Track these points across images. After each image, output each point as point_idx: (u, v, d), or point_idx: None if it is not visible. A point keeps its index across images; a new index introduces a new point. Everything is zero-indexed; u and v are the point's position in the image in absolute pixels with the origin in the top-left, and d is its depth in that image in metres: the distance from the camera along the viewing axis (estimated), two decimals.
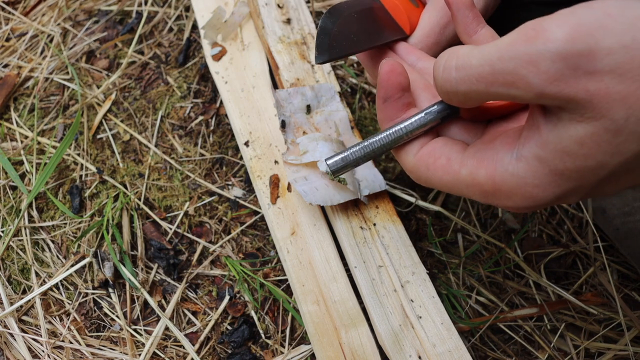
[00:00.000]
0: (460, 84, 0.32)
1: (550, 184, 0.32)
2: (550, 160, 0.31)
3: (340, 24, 0.47)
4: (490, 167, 0.34)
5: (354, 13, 0.49)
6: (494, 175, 0.34)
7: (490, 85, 0.31)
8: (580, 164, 0.30)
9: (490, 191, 0.35)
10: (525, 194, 0.33)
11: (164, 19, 0.85)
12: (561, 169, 0.31)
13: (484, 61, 0.31)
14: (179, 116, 0.77)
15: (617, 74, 0.27)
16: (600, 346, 0.60)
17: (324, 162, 0.54)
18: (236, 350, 0.62)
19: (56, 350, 0.64)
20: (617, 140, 0.29)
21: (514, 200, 0.34)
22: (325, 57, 0.45)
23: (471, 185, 0.36)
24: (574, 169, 0.31)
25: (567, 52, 0.28)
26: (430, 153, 0.38)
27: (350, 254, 0.58)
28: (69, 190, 0.73)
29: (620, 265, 0.65)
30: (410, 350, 0.53)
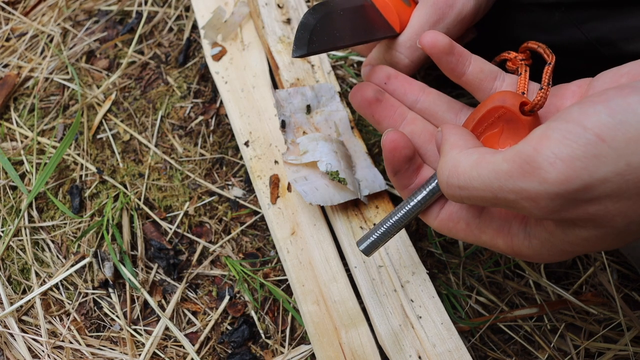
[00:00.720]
0: (465, 200, 0.35)
1: (563, 256, 0.35)
2: (557, 244, 0.34)
3: (323, 20, 0.47)
4: (507, 239, 0.37)
5: (341, 10, 0.49)
6: (512, 245, 0.37)
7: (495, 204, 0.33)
8: (587, 250, 0.33)
9: (511, 253, 0.38)
10: (541, 259, 0.37)
11: (164, 19, 0.85)
12: (570, 251, 0.34)
13: (486, 187, 0.32)
14: (179, 116, 0.77)
15: (614, 197, 0.29)
16: (600, 346, 0.60)
17: (324, 163, 0.54)
18: (236, 350, 0.62)
19: (56, 350, 0.64)
20: (620, 238, 0.31)
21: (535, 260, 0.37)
22: (303, 51, 0.45)
23: (493, 247, 0.39)
24: (582, 251, 0.34)
25: (564, 192, 0.29)
26: (449, 217, 0.42)
27: (350, 254, 0.58)
28: (69, 190, 0.73)
29: (620, 265, 0.65)
30: (410, 350, 0.53)
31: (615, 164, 0.28)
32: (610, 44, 0.50)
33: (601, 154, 0.28)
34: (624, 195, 0.28)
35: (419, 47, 0.50)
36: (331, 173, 0.57)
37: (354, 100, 0.48)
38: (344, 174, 0.57)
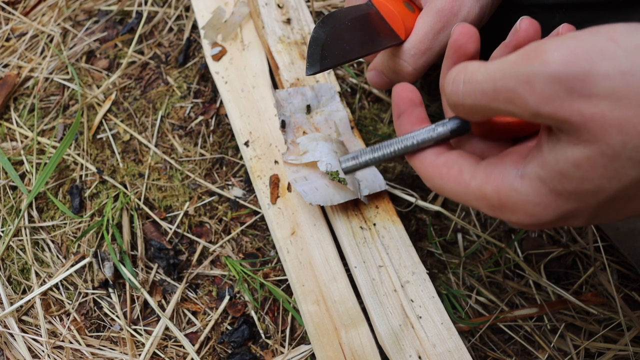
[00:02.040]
0: (467, 98, 0.33)
1: (551, 204, 0.32)
2: (549, 181, 0.32)
3: (333, 34, 0.47)
4: (497, 181, 0.35)
5: (348, 21, 0.49)
6: (500, 190, 0.35)
7: (492, 101, 0.32)
8: (578, 186, 0.31)
9: (497, 205, 0.35)
10: (528, 211, 0.34)
11: (164, 19, 0.85)
12: (560, 190, 0.31)
13: (488, 77, 0.31)
14: (179, 116, 0.77)
15: (613, 99, 0.27)
16: (600, 346, 0.60)
17: (324, 163, 0.54)
18: (236, 350, 0.62)
19: (56, 350, 0.64)
20: (614, 165, 0.29)
21: (518, 217, 0.34)
22: (316, 68, 0.45)
23: (480, 198, 0.36)
24: (572, 190, 0.31)
25: (561, 74, 0.28)
26: (444, 163, 0.39)
27: (350, 254, 0.58)
28: (69, 190, 0.73)
29: (620, 265, 0.65)
30: (410, 350, 0.53)
31: (621, 62, 0.27)
32: None
33: (609, 50, 0.27)
34: (623, 102, 0.27)
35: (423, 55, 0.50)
36: (331, 173, 0.57)
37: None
38: (344, 174, 0.57)
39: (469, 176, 0.37)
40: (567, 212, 0.32)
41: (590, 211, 0.32)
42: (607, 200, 0.31)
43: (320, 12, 0.81)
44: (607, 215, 0.33)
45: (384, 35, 0.50)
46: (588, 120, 0.28)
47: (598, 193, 0.30)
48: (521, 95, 0.30)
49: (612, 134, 0.28)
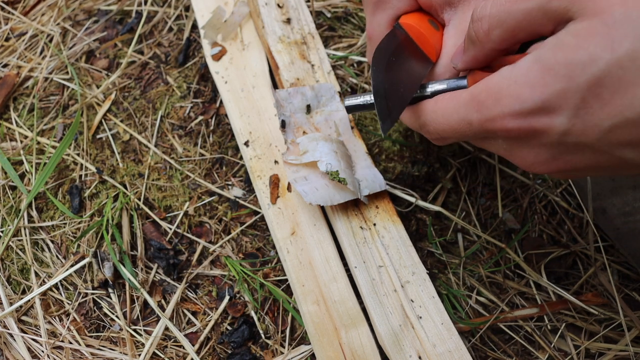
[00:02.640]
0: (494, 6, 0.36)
1: (539, 81, 0.33)
2: (543, 56, 0.33)
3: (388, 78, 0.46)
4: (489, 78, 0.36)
5: (393, 57, 0.48)
6: (490, 82, 0.36)
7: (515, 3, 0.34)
8: (571, 55, 0.31)
9: (483, 99, 0.36)
10: (513, 93, 0.34)
11: (163, 19, 0.85)
12: (552, 63, 0.32)
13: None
14: (179, 116, 0.77)
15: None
16: (600, 346, 0.60)
17: (324, 163, 0.54)
18: (236, 350, 0.62)
19: (56, 351, 0.63)
20: (612, 33, 0.30)
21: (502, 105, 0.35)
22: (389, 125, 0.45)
23: (469, 101, 0.38)
24: (564, 61, 0.32)
25: None
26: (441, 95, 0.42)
27: (350, 254, 0.58)
28: (68, 190, 0.73)
29: (621, 266, 0.65)
30: (410, 351, 0.53)
31: None
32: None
33: None
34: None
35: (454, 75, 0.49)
36: (331, 173, 0.57)
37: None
38: (344, 174, 0.57)
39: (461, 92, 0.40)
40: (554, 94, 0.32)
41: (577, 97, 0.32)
42: (596, 82, 0.31)
43: (320, 12, 0.81)
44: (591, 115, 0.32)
45: (419, 62, 0.49)
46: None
47: (590, 65, 0.31)
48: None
49: (616, 7, 0.29)
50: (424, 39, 0.49)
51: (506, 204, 0.68)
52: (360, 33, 0.80)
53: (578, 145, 0.34)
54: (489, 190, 0.69)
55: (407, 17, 0.51)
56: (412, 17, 0.51)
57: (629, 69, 0.29)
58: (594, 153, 0.34)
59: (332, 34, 0.80)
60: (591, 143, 0.33)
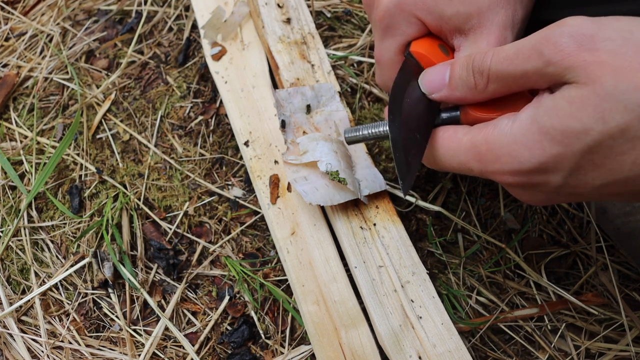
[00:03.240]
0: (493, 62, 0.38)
1: (536, 144, 0.35)
2: (539, 117, 0.35)
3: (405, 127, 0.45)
4: (489, 131, 0.38)
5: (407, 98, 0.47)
6: (489, 136, 0.38)
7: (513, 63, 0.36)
8: (566, 123, 0.34)
9: (484, 152, 0.38)
10: (512, 152, 0.37)
11: (163, 19, 0.85)
12: (548, 127, 0.34)
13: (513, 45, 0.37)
14: (179, 116, 0.77)
15: (612, 53, 0.32)
16: (601, 346, 0.60)
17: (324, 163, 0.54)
18: (236, 350, 0.62)
19: (55, 351, 0.63)
20: (604, 105, 0.32)
21: (501, 163, 0.37)
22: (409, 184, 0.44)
23: (469, 149, 0.40)
24: (560, 127, 0.34)
25: (575, 33, 0.34)
26: (441, 129, 0.44)
27: (350, 254, 0.58)
28: (68, 190, 0.73)
29: (621, 266, 0.65)
30: (410, 351, 0.53)
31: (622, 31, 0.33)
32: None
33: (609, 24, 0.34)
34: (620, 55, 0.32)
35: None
36: (331, 173, 0.57)
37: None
38: (344, 174, 0.57)
39: (462, 133, 0.41)
40: (550, 158, 0.35)
41: (571, 161, 0.35)
42: (589, 150, 0.34)
43: (320, 12, 0.81)
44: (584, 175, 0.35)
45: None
46: (589, 65, 0.32)
47: (583, 135, 0.33)
48: (540, 50, 0.35)
49: (607, 77, 0.32)
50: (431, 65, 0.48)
51: (506, 204, 0.68)
52: (360, 33, 0.80)
53: (572, 194, 0.38)
54: (489, 190, 0.69)
55: (417, 44, 0.50)
56: (422, 44, 0.50)
57: (619, 140, 0.32)
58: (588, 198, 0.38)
59: (332, 34, 0.80)
60: (584, 194, 0.37)
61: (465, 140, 0.40)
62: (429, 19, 0.48)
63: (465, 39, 0.48)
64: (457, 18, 0.46)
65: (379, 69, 0.54)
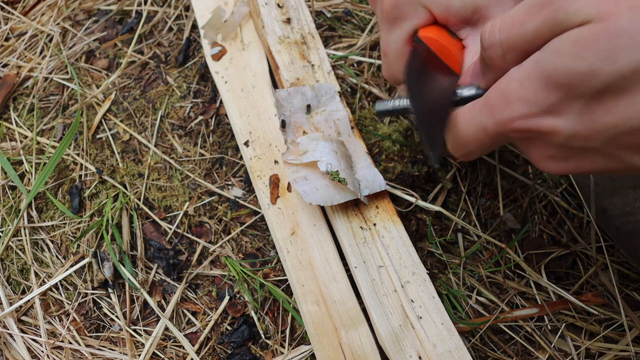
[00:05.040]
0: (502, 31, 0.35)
1: (541, 87, 0.33)
2: (543, 61, 0.32)
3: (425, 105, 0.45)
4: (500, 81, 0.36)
5: (422, 77, 0.47)
6: (499, 84, 0.36)
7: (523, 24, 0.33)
8: (569, 64, 0.31)
9: (496, 102, 0.36)
10: (521, 97, 0.34)
11: (163, 19, 0.85)
12: (551, 70, 0.32)
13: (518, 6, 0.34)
14: (179, 116, 0.77)
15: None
16: (601, 346, 0.60)
17: (324, 163, 0.54)
18: (236, 350, 0.62)
19: (55, 351, 0.63)
20: (614, 43, 0.29)
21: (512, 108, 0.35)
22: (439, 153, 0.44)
23: (484, 106, 0.38)
24: (563, 70, 0.31)
25: None
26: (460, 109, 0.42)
27: (350, 254, 0.58)
28: (68, 190, 0.73)
29: (621, 266, 0.65)
30: (410, 351, 0.53)
31: None
32: None
33: None
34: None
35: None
36: (331, 173, 0.57)
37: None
38: (344, 174, 0.57)
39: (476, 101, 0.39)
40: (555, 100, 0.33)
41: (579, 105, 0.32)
42: (598, 92, 0.31)
43: (320, 12, 0.81)
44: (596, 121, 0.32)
45: (446, 77, 0.48)
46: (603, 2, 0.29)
47: (589, 77, 0.30)
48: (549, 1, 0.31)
49: (623, 13, 0.28)
50: (447, 51, 0.48)
51: (506, 204, 0.68)
52: (360, 33, 0.80)
53: (586, 149, 0.34)
54: (489, 190, 0.69)
55: (425, 31, 0.49)
56: (431, 30, 0.49)
57: (631, 79, 0.29)
58: (603, 157, 0.34)
59: (332, 34, 0.80)
60: (598, 147, 0.33)
61: (479, 103, 0.39)
62: (437, 9, 0.47)
63: (472, 30, 0.48)
64: (464, 9, 0.46)
65: (386, 60, 0.54)
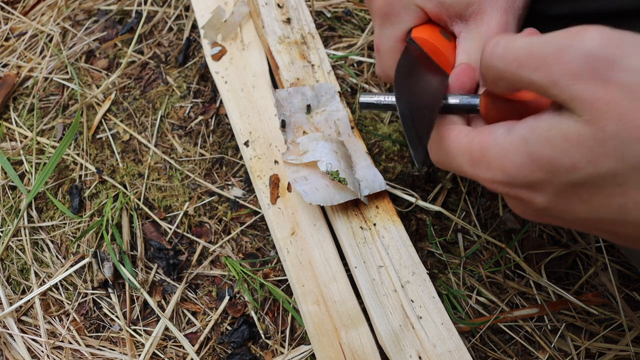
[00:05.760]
0: (500, 61, 0.35)
1: (524, 166, 0.34)
2: (532, 143, 0.33)
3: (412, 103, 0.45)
4: (485, 136, 0.37)
5: (414, 78, 0.47)
6: (484, 142, 0.36)
7: (520, 66, 0.33)
8: (556, 156, 0.32)
9: (477, 158, 0.37)
10: (502, 167, 0.35)
11: (163, 19, 0.85)
12: (538, 155, 0.33)
13: (527, 44, 0.33)
14: (179, 116, 0.76)
15: (625, 90, 0.28)
16: (601, 346, 0.60)
17: (324, 163, 0.54)
18: (236, 350, 0.62)
19: (55, 351, 0.63)
20: (599, 150, 0.30)
21: (492, 172, 0.36)
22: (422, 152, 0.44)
23: (465, 151, 0.38)
24: (549, 159, 0.32)
25: (593, 53, 0.29)
26: (451, 127, 0.42)
27: (350, 254, 0.58)
28: (68, 190, 0.73)
29: (621, 266, 0.65)
30: (410, 351, 0.53)
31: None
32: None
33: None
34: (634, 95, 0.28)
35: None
36: (331, 173, 0.57)
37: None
38: (344, 174, 0.57)
39: (465, 134, 0.39)
40: (536, 181, 0.34)
41: (556, 189, 0.33)
42: (576, 184, 0.32)
43: (320, 12, 0.81)
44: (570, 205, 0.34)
45: (436, 77, 0.48)
46: (596, 101, 0.29)
47: (571, 171, 0.31)
48: (549, 64, 0.31)
49: (611, 120, 0.29)
50: (438, 52, 0.49)
51: (506, 204, 0.68)
52: (360, 33, 0.80)
53: (560, 218, 0.36)
54: (489, 191, 0.69)
55: (418, 30, 0.50)
56: (424, 30, 0.50)
57: (609, 183, 0.31)
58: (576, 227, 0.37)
59: (332, 34, 0.80)
60: (571, 221, 0.36)
61: (464, 142, 0.39)
62: (429, 5, 0.48)
63: (465, 25, 0.48)
64: (457, 4, 0.46)
65: (379, 58, 0.54)
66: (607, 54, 0.29)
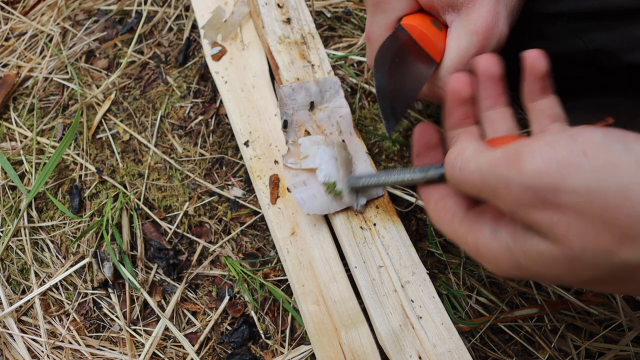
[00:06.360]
0: (461, 184, 0.38)
1: (514, 268, 0.36)
2: (515, 253, 0.35)
3: (392, 80, 0.47)
4: (476, 235, 0.39)
5: (395, 58, 0.48)
6: (477, 242, 0.39)
7: (480, 192, 0.35)
8: (537, 269, 0.34)
9: (475, 253, 0.40)
10: (497, 268, 0.37)
11: (163, 19, 0.85)
12: (523, 265, 0.35)
13: (477, 170, 0.35)
14: (179, 116, 0.77)
15: (577, 212, 0.30)
16: (601, 346, 0.60)
17: (323, 173, 0.56)
18: (236, 350, 0.62)
19: (55, 351, 0.63)
20: (573, 265, 0.31)
21: (491, 268, 0.39)
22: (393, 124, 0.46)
23: (464, 244, 0.41)
24: (532, 269, 0.34)
25: (534, 185, 0.31)
26: (443, 207, 0.44)
27: (350, 254, 0.58)
28: (68, 190, 0.73)
29: None
30: (410, 351, 0.53)
31: (588, 179, 0.29)
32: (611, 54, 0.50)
33: (579, 165, 0.29)
34: (586, 216, 0.29)
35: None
36: (328, 185, 0.57)
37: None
38: (341, 185, 0.58)
39: (458, 224, 0.41)
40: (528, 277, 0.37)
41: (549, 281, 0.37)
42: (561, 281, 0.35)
43: (320, 12, 0.81)
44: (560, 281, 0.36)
45: (423, 62, 0.49)
46: (555, 226, 0.31)
47: (556, 280, 0.34)
48: (501, 195, 0.33)
49: (575, 241, 0.30)
50: (427, 39, 0.49)
51: None
52: (360, 33, 0.80)
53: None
54: None
55: (409, 19, 0.51)
56: (414, 18, 0.50)
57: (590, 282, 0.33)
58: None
59: (332, 34, 0.80)
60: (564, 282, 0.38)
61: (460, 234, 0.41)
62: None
63: (457, 14, 0.48)
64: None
65: (370, 46, 0.54)
66: (548, 183, 0.30)
